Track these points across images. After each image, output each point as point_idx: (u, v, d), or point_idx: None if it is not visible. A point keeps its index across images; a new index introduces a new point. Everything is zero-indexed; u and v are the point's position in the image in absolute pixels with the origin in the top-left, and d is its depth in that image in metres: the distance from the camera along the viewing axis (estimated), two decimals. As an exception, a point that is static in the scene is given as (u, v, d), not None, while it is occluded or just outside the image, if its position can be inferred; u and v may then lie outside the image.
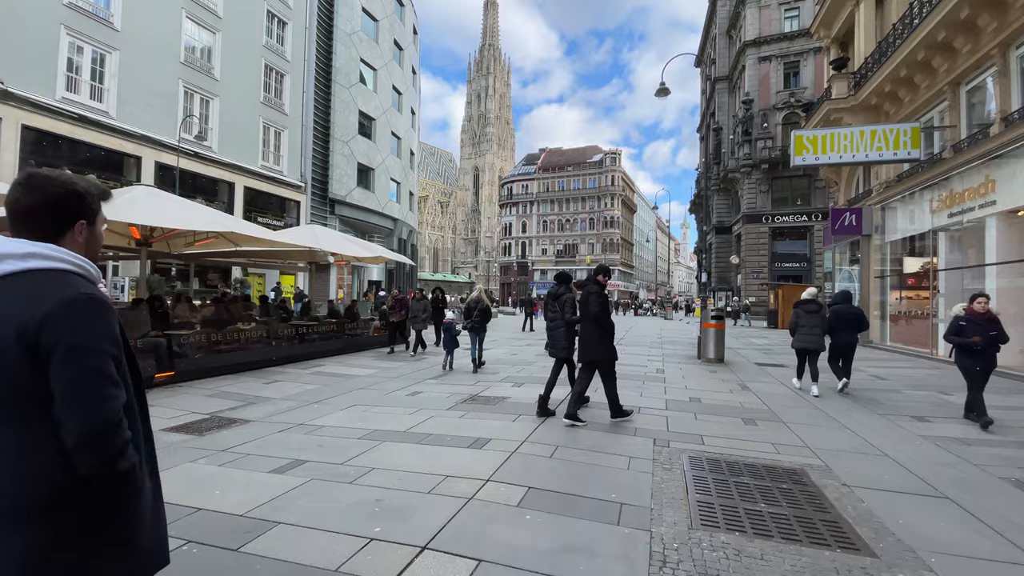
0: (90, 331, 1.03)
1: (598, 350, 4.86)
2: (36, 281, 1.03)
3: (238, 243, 9.31)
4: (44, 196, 1.10)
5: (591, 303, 4.83)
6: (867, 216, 13.79)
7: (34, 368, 0.99)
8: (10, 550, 0.98)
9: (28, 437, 1.00)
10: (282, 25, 22.63)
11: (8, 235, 1.09)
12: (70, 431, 0.98)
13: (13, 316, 0.99)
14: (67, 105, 14.48)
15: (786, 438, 4.55)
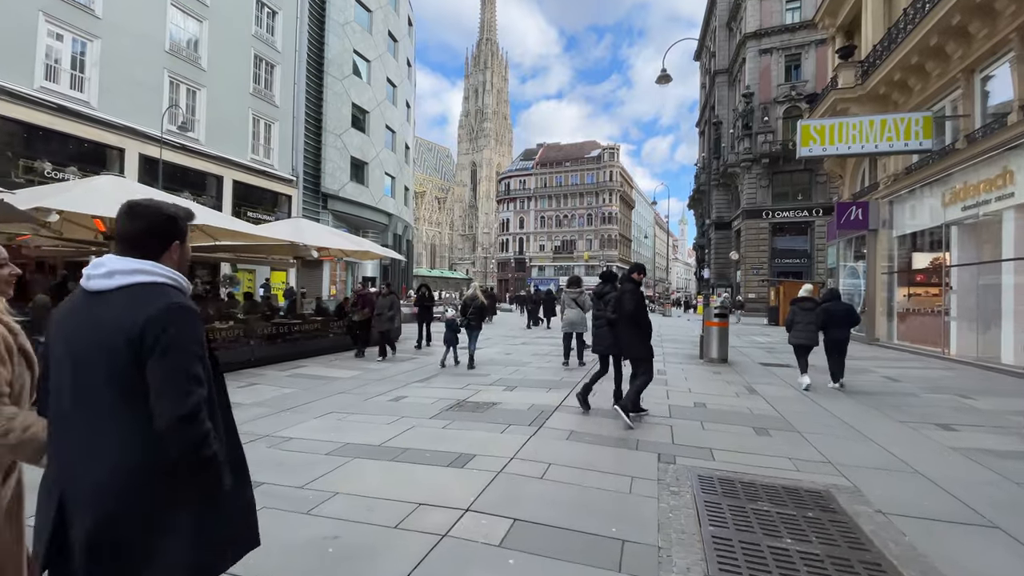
0: (181, 335, 1.21)
1: (637, 347, 4.98)
2: (140, 292, 1.23)
3: (217, 237, 8.82)
4: (146, 223, 1.31)
5: (626, 301, 4.94)
6: (874, 210, 13.34)
7: (136, 365, 1.18)
8: (107, 518, 1.15)
9: (130, 424, 1.18)
10: (272, 14, 22.01)
11: (115, 254, 1.29)
12: (161, 418, 1.15)
13: (122, 321, 1.19)
14: (46, 95, 13.91)
15: (804, 451, 4.10)
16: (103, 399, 1.20)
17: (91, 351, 1.21)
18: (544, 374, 7.70)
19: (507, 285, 70.59)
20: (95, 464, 1.18)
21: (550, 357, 9.65)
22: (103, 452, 1.18)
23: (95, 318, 1.23)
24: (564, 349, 8.56)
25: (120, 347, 1.18)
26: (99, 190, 6.39)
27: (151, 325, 1.18)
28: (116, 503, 1.16)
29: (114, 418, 1.19)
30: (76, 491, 1.19)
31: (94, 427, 1.20)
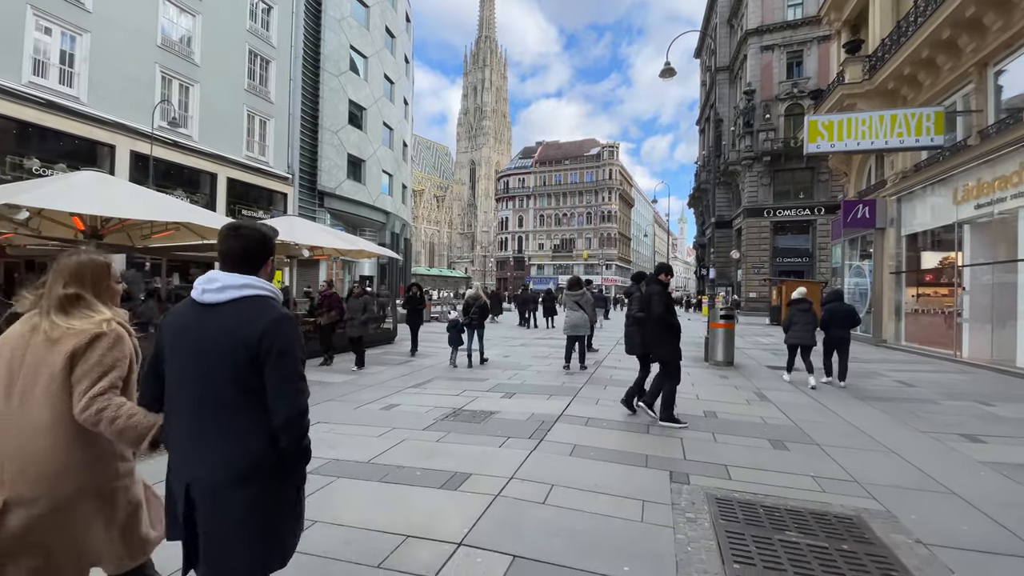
0: (291, 341, 1.44)
1: (666, 349, 4.94)
2: (250, 305, 1.45)
3: (204, 236, 8.49)
4: (248, 242, 1.53)
5: (654, 303, 4.93)
6: (881, 208, 13.05)
7: (253, 368, 1.39)
8: (236, 501, 1.37)
9: (248, 419, 1.39)
10: (267, 9, 21.63)
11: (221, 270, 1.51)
12: (278, 414, 1.38)
13: (239, 330, 1.40)
14: (34, 90, 13.57)
15: (826, 467, 3.80)
16: (224, 398, 1.39)
17: (213, 357, 1.40)
18: (544, 379, 7.39)
19: (506, 284, 70.23)
20: (219, 453, 1.38)
21: (550, 360, 9.34)
22: (226, 442, 1.38)
23: (213, 328, 1.42)
24: (566, 352, 8.26)
25: (240, 354, 1.38)
26: (79, 186, 6.05)
27: (266, 336, 1.39)
28: (237, 486, 1.37)
29: (234, 414, 1.39)
30: (202, 476, 1.38)
31: (217, 422, 1.39)
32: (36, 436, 1.43)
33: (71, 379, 1.46)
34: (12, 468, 1.42)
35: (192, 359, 1.43)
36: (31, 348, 1.49)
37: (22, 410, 1.45)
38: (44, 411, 1.44)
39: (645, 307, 5.10)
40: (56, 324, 1.51)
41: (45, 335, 1.50)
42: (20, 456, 1.42)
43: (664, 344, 5.01)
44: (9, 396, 1.46)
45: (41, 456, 1.43)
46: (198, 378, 1.42)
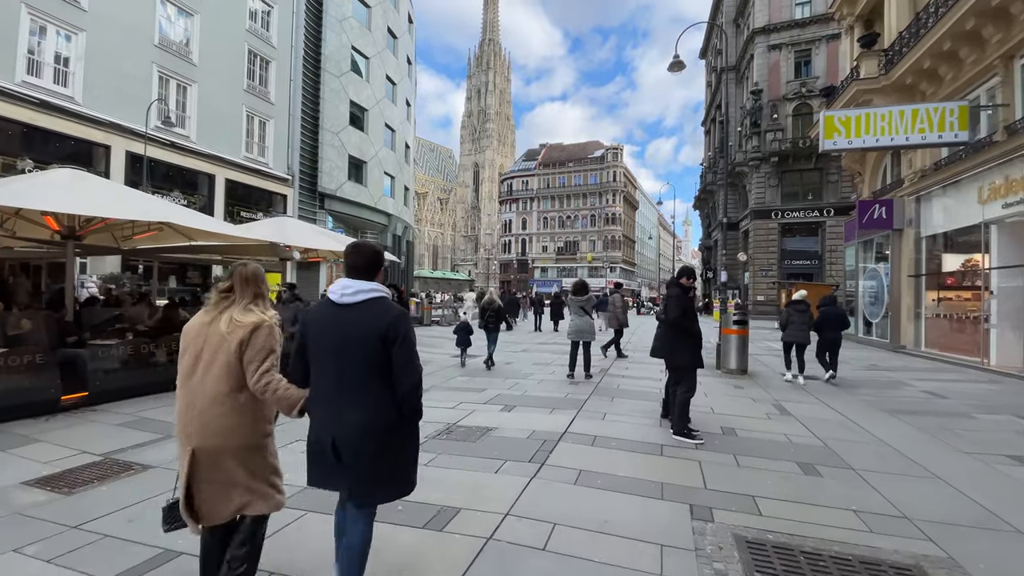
0: (409, 331, 1.92)
1: (682, 356, 4.71)
2: (376, 304, 1.95)
3: (190, 236, 8.10)
4: (368, 257, 2.04)
5: (671, 307, 4.71)
6: (899, 209, 12.54)
7: (383, 351, 1.87)
8: (371, 449, 1.86)
9: (379, 391, 1.88)
10: (267, 9, 21.35)
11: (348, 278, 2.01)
12: (402, 386, 1.88)
13: (374, 323, 1.89)
14: (27, 89, 13.28)
15: (868, 499, 3.33)
16: (361, 374, 1.89)
17: (351, 343, 1.90)
18: (547, 389, 6.93)
19: (509, 286, 69.78)
20: (359, 415, 1.87)
21: (553, 367, 8.88)
22: (364, 407, 1.88)
23: (351, 322, 1.92)
24: (570, 359, 7.80)
25: (373, 340, 1.87)
26: (54, 184, 5.67)
27: (391, 327, 1.88)
28: (375, 440, 1.88)
29: (369, 386, 1.89)
30: (346, 434, 1.86)
31: (356, 392, 1.89)
32: (215, 403, 1.93)
33: (242, 360, 1.94)
34: (196, 425, 1.93)
35: (334, 346, 1.93)
36: (210, 336, 1.98)
37: (204, 383, 1.95)
38: (221, 384, 1.94)
39: (664, 311, 4.91)
40: (233, 319, 1.99)
41: (223, 326, 1.98)
42: (203, 417, 1.93)
43: (684, 350, 4.75)
44: (193, 372, 1.97)
45: (218, 418, 1.93)
46: (339, 360, 1.92)
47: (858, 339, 14.71)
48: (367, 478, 1.89)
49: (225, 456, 1.93)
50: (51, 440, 4.36)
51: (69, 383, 5.42)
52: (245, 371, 1.93)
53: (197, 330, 2.01)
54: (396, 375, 1.88)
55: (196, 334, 2.00)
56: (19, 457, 3.93)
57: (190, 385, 1.96)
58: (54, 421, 4.95)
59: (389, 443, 1.90)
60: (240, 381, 1.93)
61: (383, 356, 1.87)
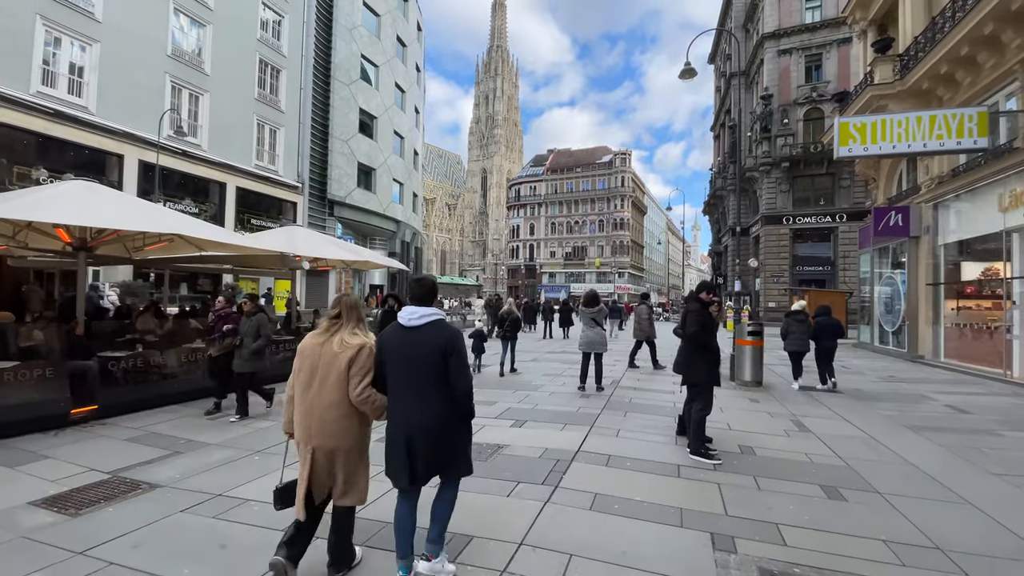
0: (462, 344, 2.44)
1: (698, 372, 4.62)
2: (436, 325, 2.44)
3: (201, 247, 8.11)
4: (427, 288, 2.55)
5: (689, 321, 4.64)
6: (915, 216, 12.30)
7: (443, 362, 2.35)
8: (438, 442, 2.36)
9: (441, 395, 2.36)
10: (278, 19, 21.57)
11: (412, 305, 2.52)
12: (457, 389, 2.37)
13: (435, 341, 2.37)
14: (42, 100, 13.47)
15: (898, 527, 3.18)
16: (427, 381, 2.38)
17: (419, 357, 2.38)
18: (558, 403, 6.81)
19: (517, 292, 69.65)
20: (426, 415, 2.36)
21: (564, 379, 8.76)
22: (430, 408, 2.37)
23: (418, 341, 2.40)
24: (581, 371, 7.68)
25: (436, 354, 2.36)
26: (65, 196, 5.69)
27: (448, 343, 2.38)
28: (441, 432, 2.38)
29: (434, 390, 2.38)
30: (417, 431, 2.35)
31: (423, 396, 2.38)
32: (329, 409, 2.38)
33: (349, 374, 2.38)
34: (316, 428, 2.38)
35: (405, 360, 2.40)
36: (324, 354, 2.43)
37: (321, 394, 2.39)
38: (334, 394, 2.38)
39: (682, 326, 4.82)
40: (343, 340, 2.44)
41: (335, 346, 2.43)
42: (320, 421, 2.38)
43: (696, 366, 4.64)
44: (311, 385, 2.41)
45: (334, 422, 2.38)
46: (410, 371, 2.39)
47: (874, 348, 14.43)
48: (432, 461, 2.40)
49: (338, 454, 2.42)
50: (59, 456, 4.33)
51: (79, 396, 5.41)
52: (349, 383, 2.39)
53: (312, 349, 2.47)
54: (452, 382, 2.38)
55: (311, 352, 2.47)
56: (27, 475, 3.90)
57: (308, 395, 2.42)
58: (63, 435, 4.93)
59: (447, 436, 2.42)
60: (344, 389, 2.41)
61: (443, 367, 2.38)
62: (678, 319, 5.66)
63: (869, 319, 15.20)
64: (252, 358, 5.84)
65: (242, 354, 5.85)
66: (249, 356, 5.82)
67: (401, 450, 2.35)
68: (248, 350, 5.82)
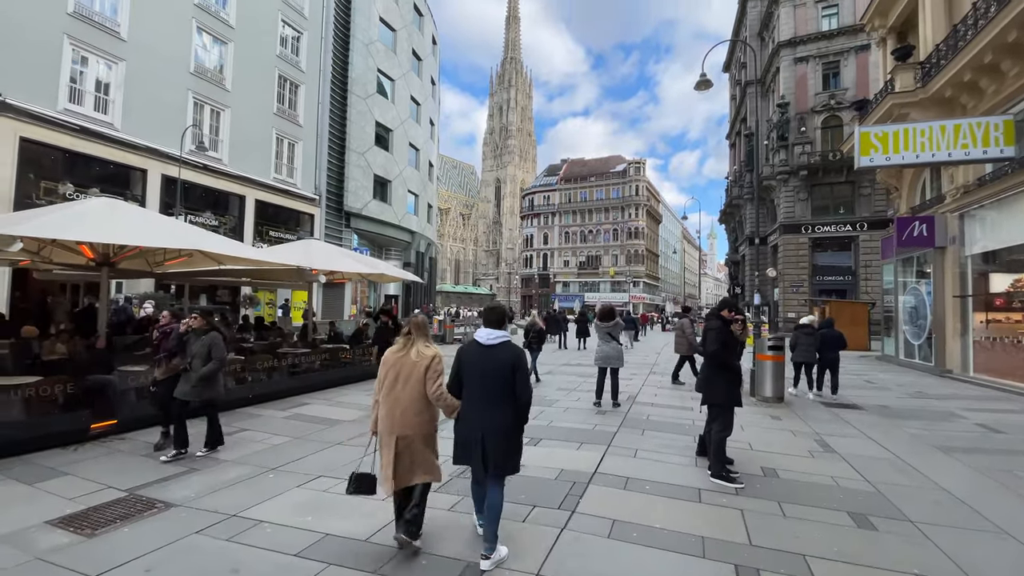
0: (526, 362, 3.00)
1: (717, 392, 4.52)
2: (507, 345, 2.98)
3: (221, 261, 8.23)
4: (499, 314, 3.10)
5: (709, 340, 4.56)
6: (940, 226, 11.98)
7: (512, 375, 2.89)
8: (504, 440, 2.88)
9: (508, 403, 2.88)
10: (297, 35, 22.05)
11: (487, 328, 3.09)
12: (520, 398, 2.91)
13: (506, 358, 2.91)
14: (69, 117, 13.87)
15: (932, 560, 3.03)
16: (499, 390, 2.89)
17: (493, 371, 2.90)
18: (573, 419, 6.71)
19: (530, 301, 69.50)
20: (498, 417, 2.87)
21: (579, 394, 8.64)
22: (501, 412, 2.87)
23: (492, 358, 2.94)
24: (597, 386, 7.57)
25: (507, 368, 2.88)
26: (88, 213, 5.82)
27: (516, 360, 2.92)
28: (508, 434, 2.89)
29: (503, 399, 2.88)
30: (489, 429, 2.85)
31: (495, 401, 2.88)
32: (411, 404, 3.00)
33: (426, 377, 3.00)
34: (398, 421, 2.97)
35: (481, 372, 2.94)
36: (404, 363, 3.06)
37: (403, 394, 3.01)
38: (415, 392, 3.00)
39: (702, 344, 4.75)
40: (419, 351, 3.08)
41: (413, 356, 3.07)
42: (403, 416, 2.98)
43: (716, 386, 4.52)
44: (395, 387, 3.03)
45: (413, 415, 2.99)
46: (484, 382, 2.93)
47: (899, 361, 14.03)
48: (499, 459, 2.88)
49: (416, 441, 3.01)
50: (77, 473, 4.37)
51: (99, 411, 5.48)
52: (426, 384, 3.01)
53: (395, 359, 3.13)
54: (517, 393, 2.92)
55: (394, 361, 3.11)
56: (45, 492, 3.93)
57: (393, 395, 3.03)
58: (82, 451, 4.98)
59: (511, 437, 2.95)
60: (425, 392, 3.02)
61: (511, 379, 2.90)
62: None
63: (893, 331, 14.80)
64: (200, 385, 4.91)
65: (189, 378, 4.93)
66: (196, 382, 4.89)
67: (476, 447, 2.87)
68: (196, 375, 4.89)
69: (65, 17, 13.80)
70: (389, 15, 27.15)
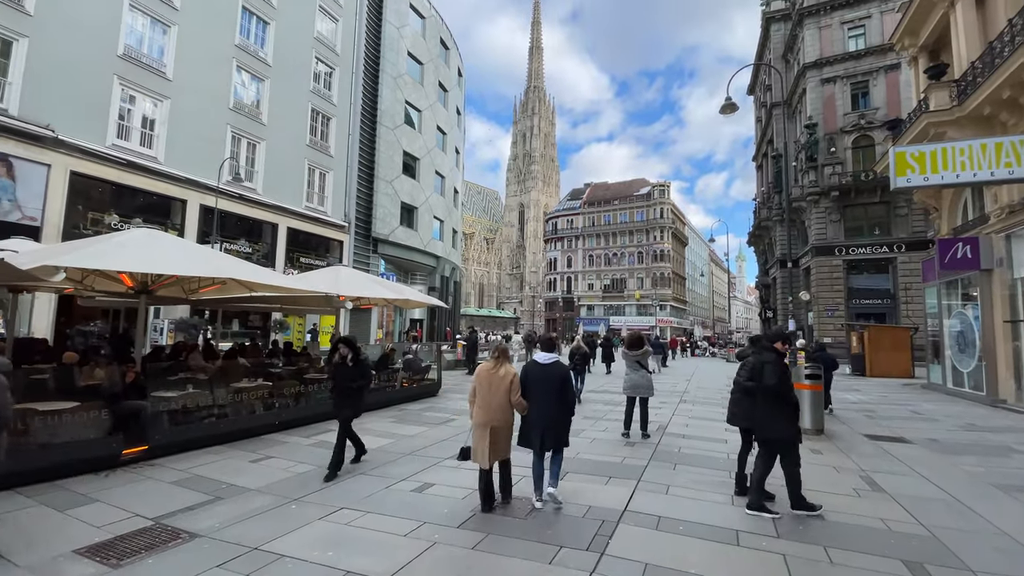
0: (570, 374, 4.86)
1: (779, 428, 4.38)
2: (558, 363, 4.53)
3: (253, 288, 8.43)
4: (551, 343, 4.74)
5: (768, 373, 4.42)
6: (986, 247, 11.42)
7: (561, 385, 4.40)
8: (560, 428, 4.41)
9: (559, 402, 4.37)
10: (329, 71, 23.03)
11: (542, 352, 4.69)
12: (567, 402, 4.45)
13: (557, 373, 4.43)
14: (117, 151, 14.68)
15: (1003, 619, 2.74)
16: (551, 396, 4.32)
17: (548, 381, 4.36)
18: (601, 451, 6.50)
19: (554, 325, 68.99)
20: (554, 413, 4.31)
21: (606, 423, 8.40)
22: (554, 408, 4.32)
23: (547, 373, 4.39)
24: (625, 416, 7.35)
25: (557, 380, 4.37)
26: (128, 244, 6.04)
27: (564, 374, 4.45)
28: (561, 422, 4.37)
29: (555, 401, 4.32)
30: (548, 422, 4.30)
31: (550, 403, 4.31)
32: (499, 405, 4.25)
33: (510, 388, 4.25)
34: (491, 416, 4.22)
35: (541, 382, 4.35)
36: (495, 376, 4.31)
37: (493, 397, 4.25)
38: (502, 398, 4.25)
39: (755, 376, 4.54)
40: (506, 369, 4.34)
41: (501, 372, 4.31)
42: (494, 413, 4.24)
43: (778, 422, 4.38)
44: (489, 392, 4.27)
45: (500, 412, 4.25)
46: (542, 389, 4.33)
47: (946, 390, 13.24)
48: (557, 439, 4.34)
49: (502, 431, 4.28)
50: (107, 500, 4.42)
51: (130, 436, 5.58)
52: (510, 392, 4.26)
53: (487, 374, 4.35)
54: (564, 397, 4.36)
55: (488, 375, 4.34)
56: (75, 519, 3.98)
57: (487, 399, 4.28)
58: (113, 477, 5.06)
59: (563, 424, 4.37)
60: (508, 397, 4.26)
61: (560, 387, 4.34)
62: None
63: (939, 357, 14.03)
64: None
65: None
66: None
67: (539, 432, 4.29)
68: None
69: (116, 59, 14.76)
70: (417, 49, 28.15)
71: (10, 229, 11.95)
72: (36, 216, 12.85)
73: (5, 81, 12.47)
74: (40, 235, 12.63)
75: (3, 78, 12.44)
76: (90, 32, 14.13)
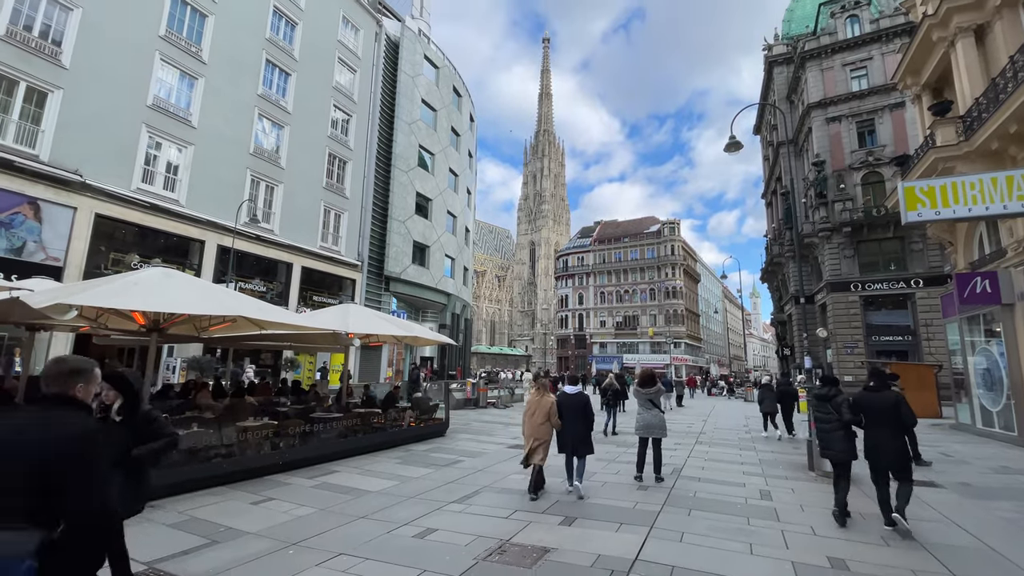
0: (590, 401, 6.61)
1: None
2: (581, 394, 6.44)
3: (263, 326, 8.50)
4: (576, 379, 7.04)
5: (845, 410, 5.32)
6: (1005, 281, 11.15)
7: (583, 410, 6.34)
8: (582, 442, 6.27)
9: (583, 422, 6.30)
10: (347, 117, 23.99)
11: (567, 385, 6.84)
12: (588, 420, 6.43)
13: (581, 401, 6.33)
14: (141, 195, 15.23)
15: None
16: (579, 417, 6.22)
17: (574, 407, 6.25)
18: (613, 495, 6.25)
19: (567, 363, 68.10)
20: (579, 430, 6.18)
21: (617, 465, 8.12)
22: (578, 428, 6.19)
23: (572, 400, 6.28)
24: (638, 458, 7.10)
25: (580, 406, 6.26)
26: (140, 283, 6.16)
27: (586, 402, 6.32)
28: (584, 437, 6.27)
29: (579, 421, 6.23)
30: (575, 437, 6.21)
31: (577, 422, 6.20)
32: (541, 423, 6.13)
33: (549, 411, 6.16)
34: (535, 432, 6.09)
35: (570, 408, 6.23)
36: (540, 402, 6.25)
37: (535, 418, 6.16)
38: (543, 419, 6.14)
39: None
40: (546, 395, 6.32)
41: (543, 399, 6.25)
42: (537, 431, 6.10)
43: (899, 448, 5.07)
44: (533, 416, 6.19)
45: (541, 429, 6.11)
46: (572, 413, 6.21)
47: (976, 431, 12.63)
48: (581, 449, 6.14)
49: (543, 445, 6.00)
50: (104, 543, 4.32)
51: (133, 477, 5.50)
52: (549, 415, 6.06)
53: (535, 400, 6.23)
54: (587, 417, 6.22)
55: (535, 401, 6.22)
56: (70, 564, 3.88)
57: (534, 419, 6.10)
58: (113, 519, 4.96)
59: (586, 438, 6.17)
60: (547, 418, 6.06)
61: (584, 411, 6.19)
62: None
63: (967, 396, 13.48)
64: None
65: None
66: None
67: (568, 444, 6.10)
68: None
69: (145, 109, 15.56)
70: (430, 97, 29.30)
71: (33, 269, 12.32)
72: (59, 256, 13.26)
73: (38, 129, 13.16)
74: (62, 275, 12.99)
75: (36, 126, 13.14)
76: (122, 84, 14.96)
